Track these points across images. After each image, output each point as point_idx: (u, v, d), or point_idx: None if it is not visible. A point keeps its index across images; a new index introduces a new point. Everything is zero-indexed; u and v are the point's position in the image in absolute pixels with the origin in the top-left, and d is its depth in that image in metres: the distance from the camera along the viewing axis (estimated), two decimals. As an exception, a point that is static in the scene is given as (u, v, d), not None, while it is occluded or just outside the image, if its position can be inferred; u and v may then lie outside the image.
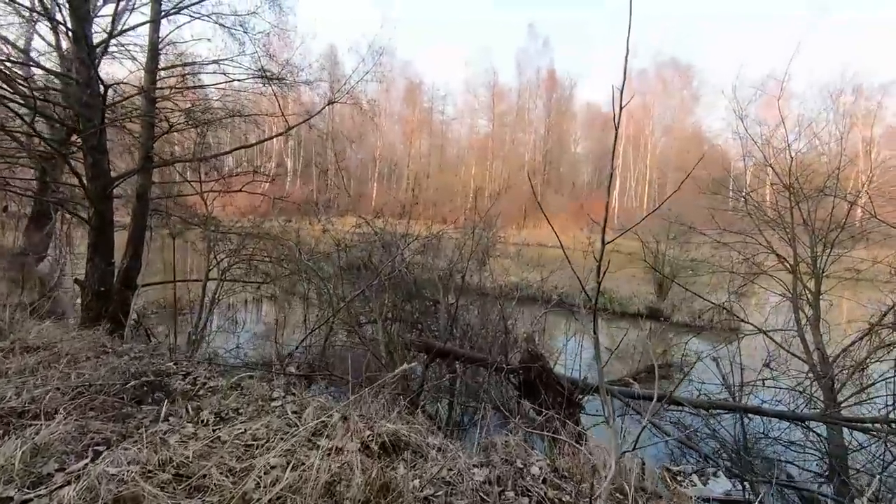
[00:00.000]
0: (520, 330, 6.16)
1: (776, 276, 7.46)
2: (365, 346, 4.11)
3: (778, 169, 7.03)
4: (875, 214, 6.73)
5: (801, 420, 4.47)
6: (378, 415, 2.63)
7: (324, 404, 2.52)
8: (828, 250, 6.78)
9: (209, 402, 2.54)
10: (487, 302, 6.20)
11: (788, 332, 6.98)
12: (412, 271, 6.86)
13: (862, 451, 4.67)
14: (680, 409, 5.70)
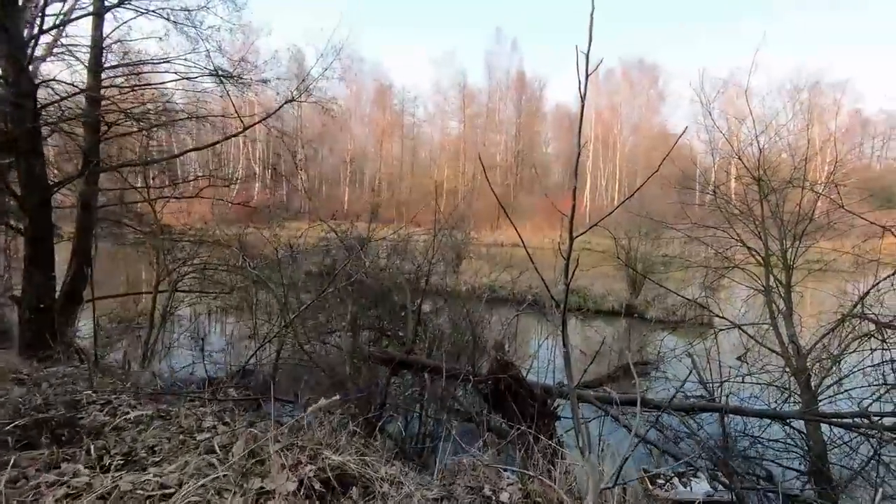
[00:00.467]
0: (492, 334, 5.89)
1: (748, 270, 7.42)
2: (315, 364, 3.74)
3: (746, 162, 6.98)
4: (842, 205, 6.75)
5: (782, 418, 4.32)
6: (325, 443, 2.29)
7: (259, 435, 2.17)
8: (797, 242, 6.75)
9: (122, 439, 2.15)
10: (458, 305, 5.90)
11: (762, 325, 6.92)
12: (379, 276, 6.52)
13: (842, 447, 4.55)
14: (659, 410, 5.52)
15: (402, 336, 5.75)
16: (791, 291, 6.96)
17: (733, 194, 8.61)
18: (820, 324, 7.12)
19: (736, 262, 7.39)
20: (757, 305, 7.81)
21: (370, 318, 6.38)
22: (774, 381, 5.61)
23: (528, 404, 3.27)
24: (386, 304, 6.24)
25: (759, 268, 7.06)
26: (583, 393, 3.92)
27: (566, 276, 1.83)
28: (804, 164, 6.98)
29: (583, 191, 47.26)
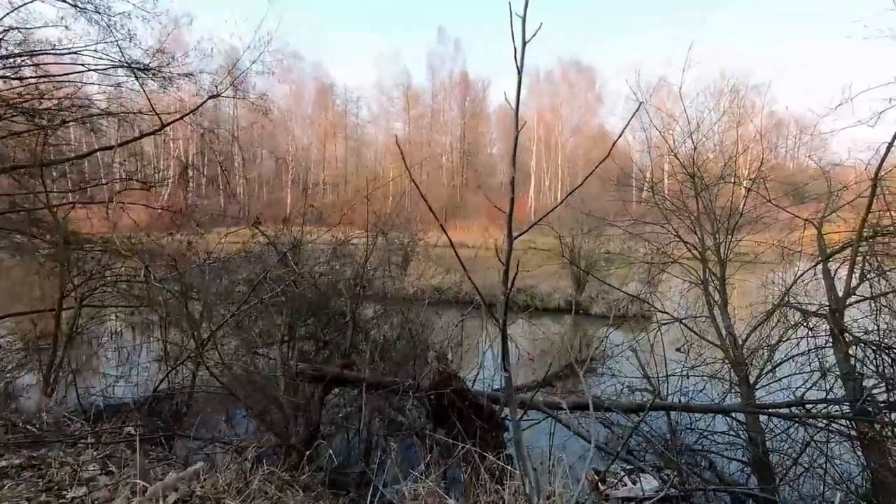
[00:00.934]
0: (439, 339, 5.63)
1: (685, 264, 7.61)
2: (229, 391, 3.29)
3: (681, 159, 7.15)
4: (769, 199, 7.06)
5: (724, 412, 4.35)
6: (234, 488, 1.92)
7: (147, 485, 1.77)
8: (729, 236, 6.98)
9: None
10: (399, 311, 5.59)
11: (701, 318, 7.11)
12: (317, 282, 6.09)
13: (781, 435, 4.66)
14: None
15: (344, 347, 5.38)
16: (726, 284, 7.19)
17: (667, 191, 8.86)
18: (753, 314, 7.42)
19: (674, 257, 7.57)
20: (694, 299, 8.04)
21: (309, 328, 5.95)
22: (715, 373, 5.70)
23: (473, 418, 3.04)
24: (324, 312, 5.83)
25: (696, 262, 7.25)
26: (528, 399, 3.74)
27: (505, 283, 1.59)
28: (734, 162, 7.25)
29: (527, 191, 48.15)
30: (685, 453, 5.09)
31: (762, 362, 5.76)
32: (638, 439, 5.62)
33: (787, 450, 4.60)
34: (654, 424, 5.58)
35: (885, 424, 4.07)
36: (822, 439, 4.35)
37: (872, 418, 4.09)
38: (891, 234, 5.71)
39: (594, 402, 3.94)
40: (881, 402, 4.32)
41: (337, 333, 5.82)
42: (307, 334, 6.05)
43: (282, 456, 2.80)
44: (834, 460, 4.23)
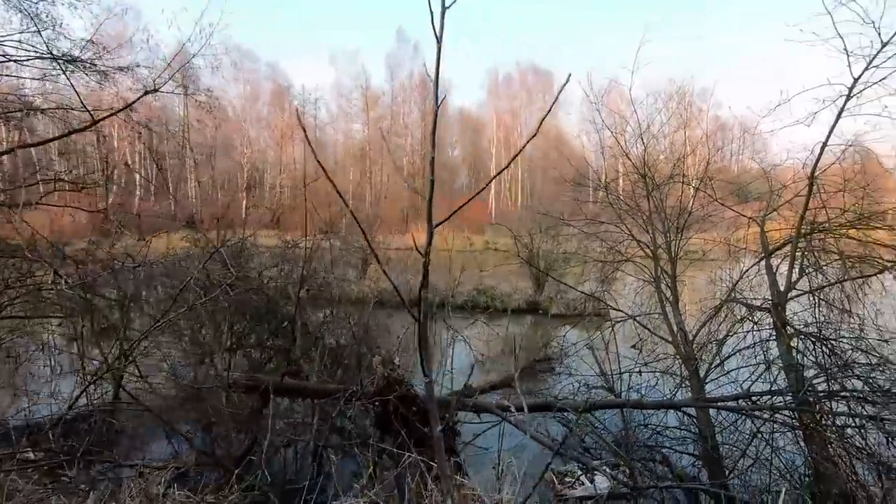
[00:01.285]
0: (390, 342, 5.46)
1: (638, 263, 7.76)
2: (143, 407, 3.01)
3: (633, 159, 7.28)
4: (716, 198, 7.29)
5: (675, 407, 4.39)
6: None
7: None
8: (679, 234, 7.16)
9: None
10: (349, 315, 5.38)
11: (654, 315, 7.24)
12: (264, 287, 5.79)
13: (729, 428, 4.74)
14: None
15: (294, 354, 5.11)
16: (677, 281, 7.37)
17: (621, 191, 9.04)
18: (702, 310, 7.64)
19: (628, 255, 7.70)
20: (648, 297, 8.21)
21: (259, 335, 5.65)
22: (668, 368, 5.79)
23: (423, 423, 2.89)
24: (273, 318, 5.54)
25: (648, 260, 7.39)
26: (478, 401, 3.63)
27: (425, 276, 1.46)
28: (682, 163, 7.44)
29: (487, 193, 48.51)
30: (639, 450, 5.13)
31: (711, 357, 5.90)
32: (594, 437, 5.64)
33: (736, 442, 4.69)
34: (611, 422, 5.62)
35: (824, 414, 4.20)
36: (767, 430, 4.45)
37: (812, 409, 4.21)
38: (826, 230, 5.98)
39: (547, 402, 3.88)
40: (820, 392, 4.46)
41: (285, 340, 5.55)
42: (256, 342, 5.75)
43: (213, 475, 2.56)
44: (780, 451, 4.33)
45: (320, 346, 5.00)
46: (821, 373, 4.81)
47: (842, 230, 5.75)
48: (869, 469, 4.02)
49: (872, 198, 6.19)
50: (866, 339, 5.06)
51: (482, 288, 16.14)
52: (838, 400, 4.50)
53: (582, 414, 4.24)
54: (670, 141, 7.82)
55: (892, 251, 5.56)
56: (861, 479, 4.02)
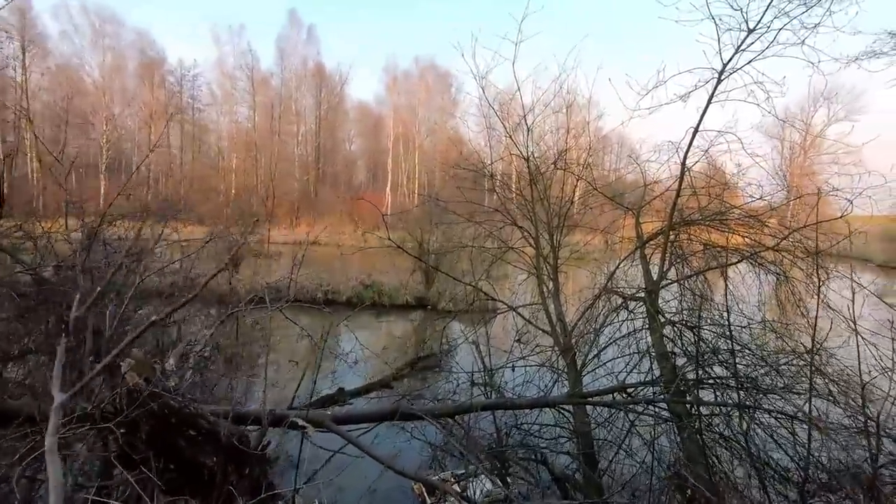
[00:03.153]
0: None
1: (522, 253, 7.51)
2: None
3: (516, 141, 6.96)
4: (595, 187, 7.26)
5: (548, 405, 3.98)
6: None
7: None
8: (562, 223, 7.00)
9: None
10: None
11: (535, 306, 7.00)
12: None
13: (606, 423, 4.47)
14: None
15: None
16: (558, 272, 7.20)
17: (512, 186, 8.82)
18: (582, 301, 7.57)
19: (512, 245, 7.40)
20: (532, 289, 8.03)
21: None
22: (547, 361, 5.46)
23: (205, 450, 2.04)
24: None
25: (533, 253, 7.16)
26: (315, 416, 2.84)
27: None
28: (565, 149, 7.31)
29: (384, 187, 47.55)
30: (515, 451, 4.69)
31: (588, 348, 5.70)
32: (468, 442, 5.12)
33: (612, 437, 4.42)
34: (487, 421, 5.15)
35: (694, 403, 4.04)
36: (643, 423, 4.23)
37: (683, 399, 4.04)
38: (692, 222, 6.10)
39: (402, 409, 3.20)
40: (690, 380, 4.33)
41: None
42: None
43: None
44: (655, 445, 4.10)
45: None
46: (690, 361, 4.74)
47: (708, 221, 5.87)
48: (737, 458, 3.93)
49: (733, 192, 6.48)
50: (728, 326, 5.15)
51: (370, 283, 15.27)
52: (706, 387, 4.45)
53: (449, 419, 3.64)
54: (556, 127, 7.66)
55: (750, 241, 5.76)
56: (727, 468, 3.91)
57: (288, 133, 49.35)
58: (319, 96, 51.26)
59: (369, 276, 16.11)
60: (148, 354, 2.53)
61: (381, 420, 3.26)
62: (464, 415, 3.77)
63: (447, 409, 3.55)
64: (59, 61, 42.74)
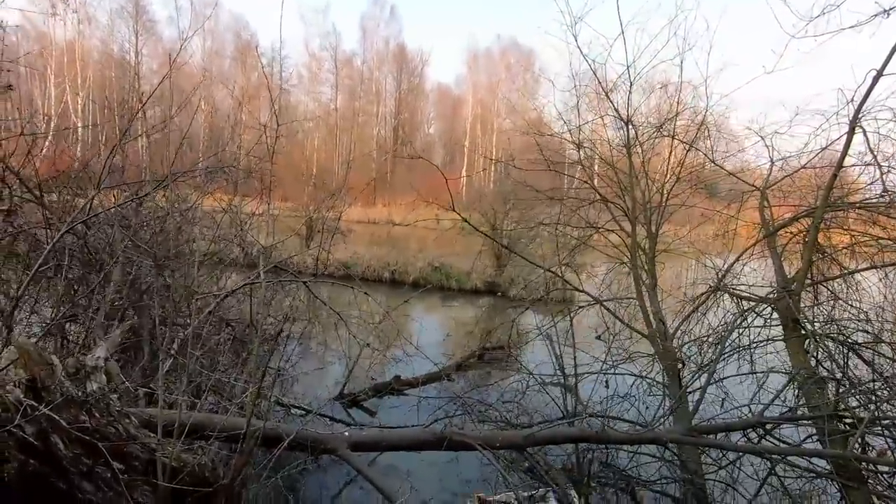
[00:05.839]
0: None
1: (609, 241, 6.36)
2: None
3: (614, 102, 5.76)
4: (713, 160, 5.88)
5: (656, 443, 2.93)
6: None
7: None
8: (664, 200, 5.75)
9: None
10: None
11: (626, 301, 5.85)
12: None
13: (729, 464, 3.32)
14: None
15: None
16: (655, 262, 5.98)
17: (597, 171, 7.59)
18: (683, 300, 6.27)
19: (600, 227, 6.26)
20: (619, 283, 6.88)
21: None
22: (642, 371, 4.34)
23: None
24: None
25: (622, 245, 6.00)
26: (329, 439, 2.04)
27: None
28: (675, 112, 5.98)
29: (461, 169, 46.82)
30: (598, 483, 3.70)
31: (697, 358, 4.49)
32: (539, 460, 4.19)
33: (736, 482, 3.28)
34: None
35: (869, 461, 2.78)
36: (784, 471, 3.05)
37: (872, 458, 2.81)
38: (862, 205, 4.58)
39: (450, 437, 2.34)
40: (858, 419, 3.04)
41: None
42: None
43: None
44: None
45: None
46: (851, 390, 3.43)
47: (879, 206, 4.36)
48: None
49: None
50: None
51: (438, 265, 14.57)
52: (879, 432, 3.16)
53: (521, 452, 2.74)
54: (665, 82, 6.30)
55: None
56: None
57: (368, 113, 49.91)
58: (399, 77, 51.23)
59: (440, 258, 15.44)
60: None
61: (419, 448, 2.44)
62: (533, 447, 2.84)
63: (510, 440, 2.65)
64: (167, 45, 46.02)
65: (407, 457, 4.75)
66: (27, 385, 1.30)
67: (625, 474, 3.56)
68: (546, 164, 6.08)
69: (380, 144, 49.37)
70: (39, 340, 3.12)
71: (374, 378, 7.13)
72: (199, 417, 1.94)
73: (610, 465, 3.51)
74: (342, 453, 2.07)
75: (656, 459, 3.51)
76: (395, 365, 7.22)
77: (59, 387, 1.36)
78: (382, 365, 7.66)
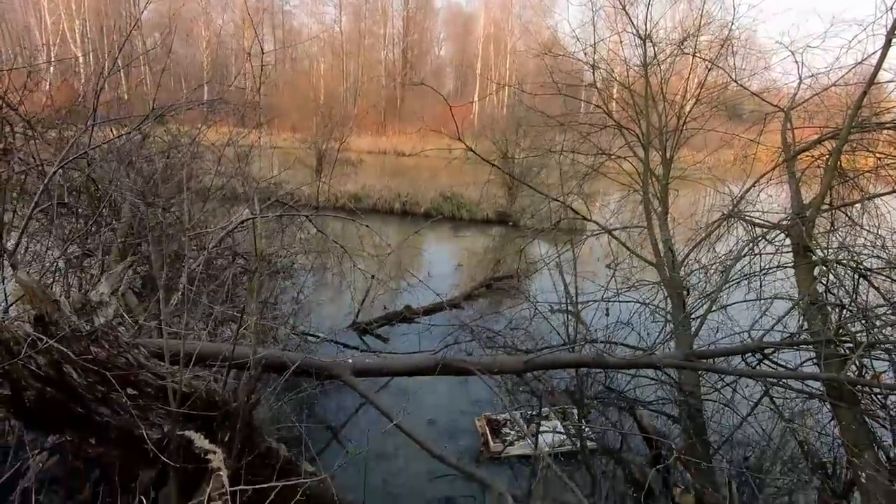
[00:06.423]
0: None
1: (621, 167, 6.18)
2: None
3: (632, 16, 5.34)
4: (735, 78, 5.52)
5: (654, 367, 3.01)
6: None
7: None
8: (682, 123, 5.50)
9: None
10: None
11: (636, 229, 5.79)
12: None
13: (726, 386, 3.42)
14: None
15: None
16: (668, 190, 5.84)
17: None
18: (695, 227, 6.18)
19: (612, 154, 6.06)
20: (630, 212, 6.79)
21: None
22: (648, 299, 4.37)
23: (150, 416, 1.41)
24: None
25: (635, 173, 5.82)
26: (334, 367, 2.14)
27: None
28: (698, 26, 5.54)
29: (472, 95, 45.06)
30: (596, 401, 3.88)
31: (703, 287, 4.49)
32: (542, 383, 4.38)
33: (731, 402, 3.41)
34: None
35: (874, 386, 2.83)
36: (780, 394, 3.15)
37: (862, 380, 2.86)
38: (885, 125, 4.33)
39: (447, 363, 2.43)
40: (858, 343, 3.06)
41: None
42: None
43: None
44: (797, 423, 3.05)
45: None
46: (859, 315, 3.42)
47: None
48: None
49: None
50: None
51: (449, 195, 14.46)
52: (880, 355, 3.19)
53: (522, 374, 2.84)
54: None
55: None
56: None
57: (375, 35, 47.38)
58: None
59: (451, 188, 15.28)
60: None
61: (420, 374, 2.55)
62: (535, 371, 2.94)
63: (510, 365, 2.74)
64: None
65: (421, 383, 4.99)
66: (36, 320, 1.37)
67: (624, 395, 3.71)
68: (557, 88, 5.76)
69: (388, 70, 47.28)
70: (52, 277, 3.23)
71: (386, 307, 7.36)
72: (207, 347, 2.06)
73: (611, 388, 3.65)
74: (346, 379, 2.19)
75: (655, 382, 3.64)
76: (407, 294, 7.42)
77: (66, 321, 1.43)
78: (395, 294, 7.87)
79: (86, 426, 1.50)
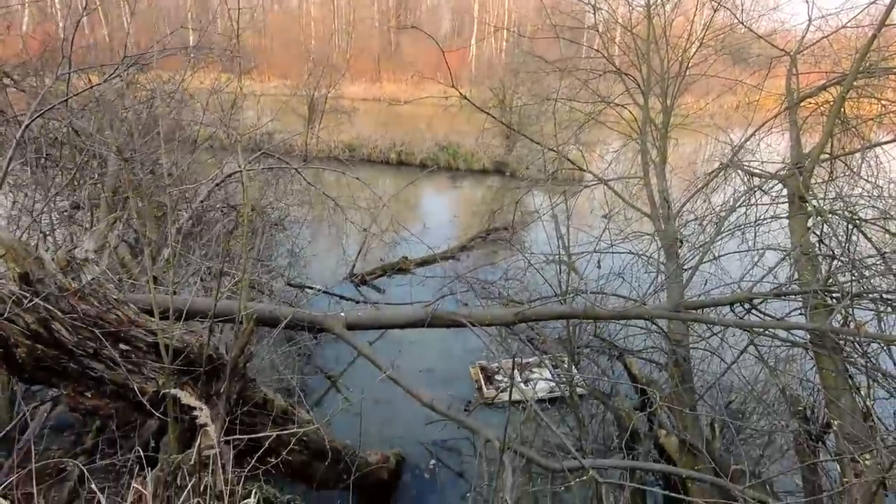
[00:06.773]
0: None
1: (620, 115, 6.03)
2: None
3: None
4: (741, 20, 5.27)
5: (644, 318, 3.06)
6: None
7: None
8: (684, 68, 5.31)
9: None
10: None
11: (633, 180, 5.73)
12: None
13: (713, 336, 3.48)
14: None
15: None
16: (668, 136, 5.73)
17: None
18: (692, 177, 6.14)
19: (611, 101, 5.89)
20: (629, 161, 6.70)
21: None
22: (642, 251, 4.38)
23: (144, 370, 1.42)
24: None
25: (634, 121, 5.67)
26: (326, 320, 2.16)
27: None
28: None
29: (469, 38, 43.29)
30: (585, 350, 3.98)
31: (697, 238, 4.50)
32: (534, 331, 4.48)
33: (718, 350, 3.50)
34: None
35: (854, 335, 2.89)
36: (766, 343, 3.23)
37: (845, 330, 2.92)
38: (892, 70, 4.19)
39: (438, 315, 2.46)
40: (844, 294, 3.10)
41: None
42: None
43: None
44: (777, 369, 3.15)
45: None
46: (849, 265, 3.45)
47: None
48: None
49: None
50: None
51: (445, 144, 14.18)
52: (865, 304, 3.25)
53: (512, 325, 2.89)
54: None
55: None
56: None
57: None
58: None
59: (447, 137, 14.95)
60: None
61: (412, 326, 2.59)
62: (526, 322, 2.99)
63: (500, 317, 2.78)
64: None
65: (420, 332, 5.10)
66: (20, 278, 1.37)
67: (614, 344, 3.80)
68: (556, 32, 5.52)
69: (381, 11, 45.12)
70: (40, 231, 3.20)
71: (382, 259, 7.39)
72: (198, 302, 2.08)
73: (601, 336, 3.73)
74: (338, 332, 2.22)
75: (645, 331, 3.72)
76: (404, 245, 7.43)
77: (52, 279, 1.43)
78: (391, 246, 7.87)
79: (80, 380, 1.54)
